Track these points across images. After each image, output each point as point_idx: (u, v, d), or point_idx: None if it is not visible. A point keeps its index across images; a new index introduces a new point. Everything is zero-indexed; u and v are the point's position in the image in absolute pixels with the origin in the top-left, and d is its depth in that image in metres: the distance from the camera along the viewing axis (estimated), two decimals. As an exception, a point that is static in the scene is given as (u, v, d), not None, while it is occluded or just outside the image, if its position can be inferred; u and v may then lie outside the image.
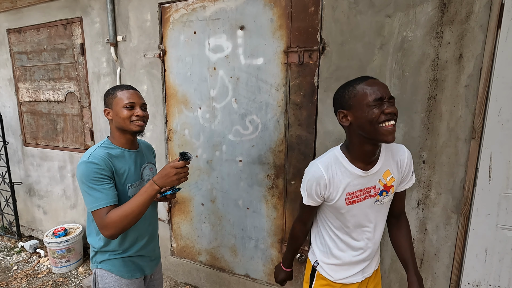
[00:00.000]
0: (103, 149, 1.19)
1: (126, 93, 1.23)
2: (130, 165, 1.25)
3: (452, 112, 1.43)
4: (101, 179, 1.12)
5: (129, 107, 1.21)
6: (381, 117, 0.92)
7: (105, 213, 1.09)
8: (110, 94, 1.25)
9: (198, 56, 1.99)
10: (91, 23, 2.38)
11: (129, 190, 1.23)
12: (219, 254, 2.22)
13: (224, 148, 2.04)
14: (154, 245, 1.42)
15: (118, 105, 1.21)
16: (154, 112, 2.25)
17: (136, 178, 1.27)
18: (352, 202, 1.06)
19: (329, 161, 1.06)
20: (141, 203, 1.10)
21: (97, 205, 1.09)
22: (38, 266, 2.75)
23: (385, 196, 1.09)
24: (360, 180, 1.05)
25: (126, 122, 1.21)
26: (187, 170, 1.14)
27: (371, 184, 1.06)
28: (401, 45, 1.47)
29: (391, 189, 1.08)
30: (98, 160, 1.13)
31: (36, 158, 3.03)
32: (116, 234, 1.10)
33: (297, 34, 1.69)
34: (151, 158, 1.43)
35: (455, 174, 1.47)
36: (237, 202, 2.07)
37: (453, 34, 1.37)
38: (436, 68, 1.42)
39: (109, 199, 1.11)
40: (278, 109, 1.82)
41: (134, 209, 1.09)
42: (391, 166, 1.07)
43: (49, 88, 2.76)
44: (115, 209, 1.10)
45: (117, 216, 1.08)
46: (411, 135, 1.52)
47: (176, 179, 1.11)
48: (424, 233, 1.58)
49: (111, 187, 1.13)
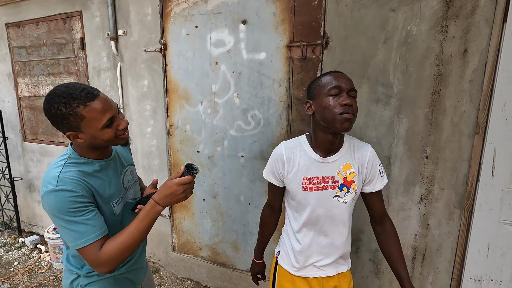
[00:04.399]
0: (72, 167, 0.92)
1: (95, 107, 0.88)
2: (110, 178, 1.02)
3: (456, 107, 1.42)
4: (82, 208, 0.87)
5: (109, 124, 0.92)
6: (337, 108, 0.96)
7: (98, 248, 0.88)
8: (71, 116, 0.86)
9: (200, 51, 1.98)
10: (91, 17, 2.35)
11: (115, 208, 1.03)
12: (221, 250, 2.23)
13: (225, 144, 2.03)
14: (144, 254, 1.27)
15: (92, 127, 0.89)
16: (155, 108, 2.24)
17: (119, 191, 1.06)
18: (309, 188, 1.08)
19: (293, 144, 1.13)
20: (143, 230, 0.92)
21: (85, 241, 0.87)
22: (39, 261, 2.75)
23: (347, 192, 1.07)
24: (318, 166, 1.07)
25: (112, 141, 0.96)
26: (193, 184, 0.99)
27: (329, 173, 1.07)
28: (406, 40, 1.46)
29: (352, 185, 1.07)
30: (71, 185, 0.87)
31: (36, 154, 3.01)
32: (115, 269, 0.92)
33: (300, 29, 1.68)
34: (129, 159, 1.20)
35: (458, 169, 1.47)
36: (238, 198, 2.07)
37: (458, 28, 1.36)
38: (440, 62, 1.41)
39: (98, 230, 0.89)
40: (280, 104, 1.81)
41: (136, 238, 0.91)
42: (352, 160, 1.08)
43: (49, 83, 2.74)
44: (111, 240, 0.90)
45: (116, 250, 0.89)
46: (415, 130, 1.51)
47: (183, 196, 0.96)
48: (427, 228, 1.58)
49: (96, 214, 0.90)
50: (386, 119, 1.56)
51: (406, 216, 1.60)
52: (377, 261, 1.72)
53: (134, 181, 1.18)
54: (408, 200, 1.59)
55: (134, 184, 1.17)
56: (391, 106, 1.53)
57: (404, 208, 1.60)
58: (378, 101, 1.56)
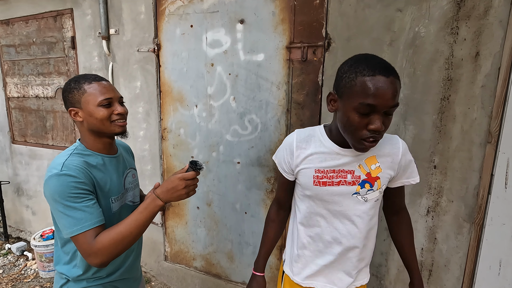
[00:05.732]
0: (78, 157, 0.96)
1: (98, 86, 0.97)
2: (112, 174, 1.04)
3: (467, 114, 1.33)
4: (82, 194, 0.89)
5: (106, 105, 0.97)
6: (361, 130, 0.79)
7: (92, 236, 0.87)
8: (75, 90, 0.97)
9: (195, 51, 1.88)
10: (82, 15, 2.26)
11: (113, 205, 1.03)
12: (215, 260, 2.12)
13: (221, 149, 1.93)
14: (138, 263, 1.23)
15: (90, 103, 0.96)
16: (148, 110, 2.13)
17: (119, 189, 1.07)
18: (322, 183, 0.92)
19: (307, 132, 0.99)
20: (141, 223, 0.90)
21: (80, 228, 0.87)
22: (25, 269, 2.63)
23: (369, 190, 0.91)
24: (335, 158, 0.91)
25: (106, 123, 0.98)
26: (197, 182, 0.96)
27: (349, 167, 0.91)
28: (413, 42, 1.37)
29: (376, 182, 0.91)
30: (75, 171, 0.90)
31: (25, 156, 2.90)
32: (107, 262, 0.89)
33: (300, 29, 1.58)
34: (132, 163, 1.23)
35: (468, 180, 1.37)
36: (234, 206, 1.97)
37: (470, 30, 1.27)
38: (450, 66, 1.32)
39: (94, 218, 0.89)
40: (279, 109, 1.71)
41: (133, 231, 0.89)
42: (378, 153, 0.92)
43: (38, 84, 2.63)
44: (107, 231, 0.89)
45: (110, 240, 0.87)
46: (422, 138, 1.42)
47: (185, 193, 0.93)
48: (434, 242, 1.48)
49: (94, 204, 0.92)
50: (391, 126, 1.46)
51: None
52: (380, 276, 1.62)
53: (135, 185, 1.19)
54: (414, 212, 1.49)
55: (135, 187, 1.18)
56: (397, 112, 1.44)
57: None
58: (382, 107, 1.47)
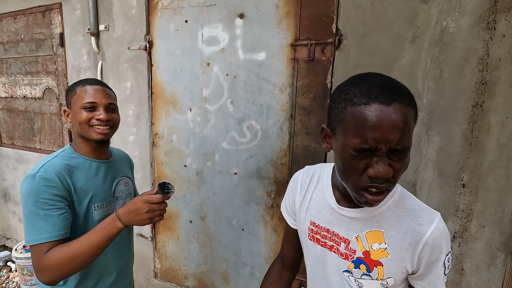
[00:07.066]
0: (61, 160, 0.93)
1: (88, 89, 0.95)
2: (98, 179, 1.00)
3: (504, 124, 1.12)
4: (51, 201, 0.84)
5: (88, 108, 0.94)
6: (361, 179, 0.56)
7: (44, 251, 0.82)
8: (70, 91, 0.98)
9: (190, 49, 1.70)
10: (71, 10, 2.09)
11: (96, 212, 0.97)
12: (209, 280, 1.91)
13: (217, 158, 1.73)
14: (126, 283, 1.14)
15: (76, 104, 0.95)
16: (138, 113, 1.95)
17: (106, 196, 1.02)
18: (316, 240, 0.75)
19: (316, 170, 0.80)
20: (96, 244, 0.83)
21: (37, 239, 0.82)
22: (7, 282, 2.45)
23: (365, 275, 0.68)
24: (331, 214, 0.71)
25: (84, 127, 0.94)
26: (164, 207, 0.88)
27: (343, 233, 0.69)
28: (440, 38, 1.16)
29: (376, 268, 0.66)
30: (51, 174, 0.86)
31: (12, 160, 2.73)
32: (54, 282, 0.83)
33: (307, 24, 1.39)
34: (126, 171, 1.16)
35: (504, 203, 1.16)
36: (230, 222, 1.77)
37: (510, 24, 1.07)
38: (485, 68, 1.12)
39: (55, 231, 0.84)
40: (282, 114, 1.51)
41: (85, 251, 0.82)
42: (391, 230, 0.65)
43: (26, 83, 2.47)
44: (59, 247, 0.82)
45: (59, 259, 0.80)
46: (449, 152, 1.21)
47: (147, 218, 0.85)
48: (460, 273, 1.27)
49: (61, 214, 0.85)
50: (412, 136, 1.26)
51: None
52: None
53: (127, 194, 1.12)
54: (438, 237, 1.28)
55: (127, 196, 1.12)
56: (419, 120, 1.24)
57: (432, 247, 1.29)
58: (402, 114, 1.26)
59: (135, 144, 2.01)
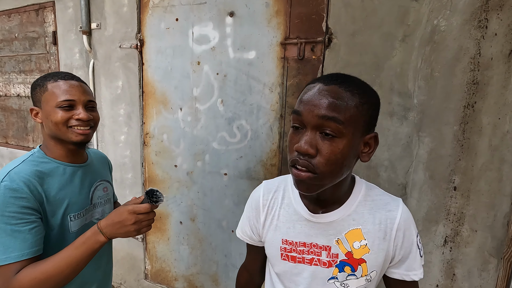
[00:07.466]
0: (31, 166, 0.81)
1: (63, 85, 0.84)
2: (74, 186, 0.89)
3: (497, 126, 1.09)
4: (20, 214, 0.74)
5: (65, 107, 0.83)
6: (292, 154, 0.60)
7: (14, 271, 0.72)
8: (39, 87, 0.86)
9: (180, 48, 1.68)
10: (64, 8, 2.08)
11: (72, 223, 0.88)
12: (199, 283, 1.88)
13: (207, 158, 1.71)
14: None
15: (49, 103, 0.84)
16: (129, 113, 1.93)
17: (83, 204, 0.92)
18: (291, 258, 0.70)
19: (277, 185, 0.77)
20: (75, 261, 0.74)
21: (4, 259, 0.72)
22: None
23: (350, 275, 0.67)
24: (305, 226, 0.68)
25: (62, 128, 0.84)
26: (152, 217, 0.81)
27: (323, 241, 0.67)
28: (431, 37, 1.14)
29: (360, 265, 0.66)
30: (18, 183, 0.74)
31: (6, 159, 2.72)
32: None
33: (297, 22, 1.37)
34: (105, 174, 1.07)
35: (497, 206, 1.12)
36: (220, 223, 1.74)
37: (502, 23, 1.04)
38: (476, 67, 1.09)
39: (25, 249, 0.73)
40: (272, 114, 1.49)
41: (64, 270, 0.73)
42: (366, 224, 0.66)
43: (20, 82, 2.46)
44: (31, 266, 0.73)
45: (31, 280, 0.71)
46: (439, 153, 1.18)
47: (134, 229, 0.77)
48: (452, 279, 1.23)
49: (33, 229, 0.75)
50: (402, 137, 1.23)
51: (425, 261, 1.26)
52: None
53: (106, 200, 1.03)
54: (429, 241, 1.24)
55: (106, 203, 1.03)
56: (410, 121, 1.21)
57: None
58: (392, 114, 1.23)
59: (126, 143, 1.99)
